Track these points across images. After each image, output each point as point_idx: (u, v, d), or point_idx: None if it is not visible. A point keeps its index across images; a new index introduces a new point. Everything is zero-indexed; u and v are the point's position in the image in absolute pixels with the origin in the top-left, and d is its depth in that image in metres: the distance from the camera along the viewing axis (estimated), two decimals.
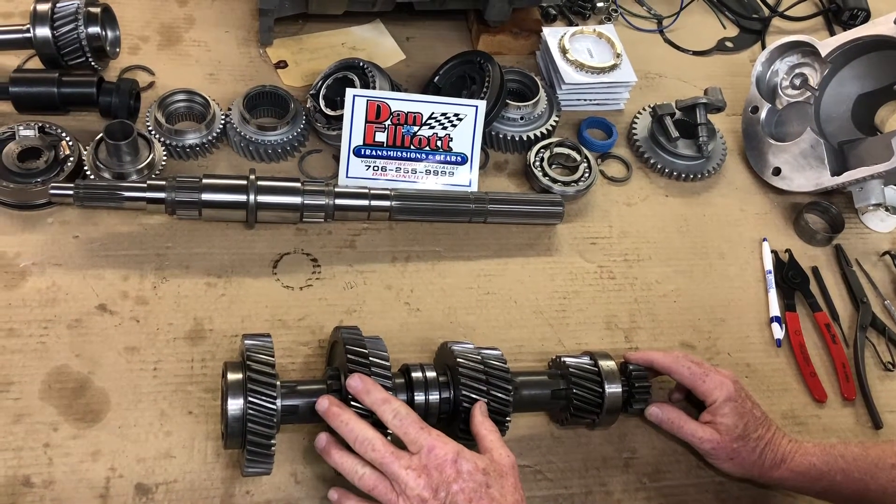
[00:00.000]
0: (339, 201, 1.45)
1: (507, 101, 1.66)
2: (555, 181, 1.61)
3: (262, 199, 1.41)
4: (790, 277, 1.61)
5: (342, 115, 1.54)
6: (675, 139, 1.71)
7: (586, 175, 1.63)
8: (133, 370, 1.28)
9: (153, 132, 1.52)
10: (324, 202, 1.44)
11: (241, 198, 1.40)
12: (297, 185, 1.43)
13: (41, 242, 1.39)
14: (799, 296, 1.60)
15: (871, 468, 1.22)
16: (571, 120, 1.79)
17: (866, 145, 1.67)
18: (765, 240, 1.67)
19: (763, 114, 1.76)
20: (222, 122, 1.57)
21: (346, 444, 1.09)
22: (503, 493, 1.03)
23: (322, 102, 1.60)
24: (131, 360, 1.29)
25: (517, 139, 1.68)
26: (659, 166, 1.73)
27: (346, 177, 1.54)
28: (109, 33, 1.61)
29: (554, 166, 1.65)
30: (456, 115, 1.57)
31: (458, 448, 1.05)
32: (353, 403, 1.12)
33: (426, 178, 1.57)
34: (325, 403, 1.11)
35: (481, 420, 1.15)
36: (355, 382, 1.11)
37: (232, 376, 1.11)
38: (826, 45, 1.68)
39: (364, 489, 1.06)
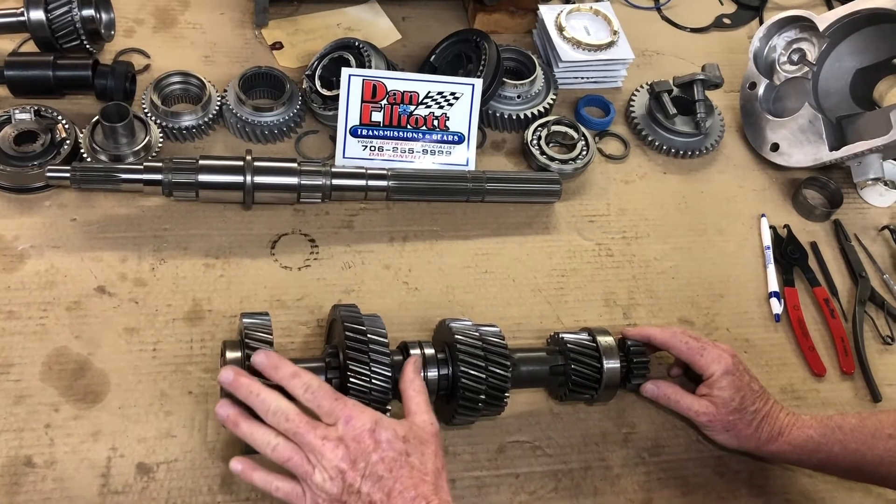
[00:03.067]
0: (336, 181, 1.45)
1: (504, 79, 1.66)
2: (552, 159, 1.61)
3: (259, 179, 1.40)
4: (789, 253, 1.61)
5: (338, 95, 1.54)
6: (673, 116, 1.70)
7: (584, 153, 1.63)
8: (132, 351, 1.29)
9: (149, 114, 1.52)
10: (321, 182, 1.44)
11: (238, 179, 1.40)
12: (294, 165, 1.43)
13: (39, 225, 1.39)
14: (797, 271, 1.60)
15: (868, 438, 1.22)
16: (569, 98, 1.78)
17: (865, 120, 1.66)
18: (763, 215, 1.67)
19: (761, 90, 1.76)
20: (218, 103, 1.57)
21: (256, 415, 1.04)
22: (423, 460, 1.01)
23: (318, 83, 1.59)
24: (131, 341, 1.30)
25: (514, 118, 1.67)
26: (657, 143, 1.72)
27: (343, 157, 1.54)
28: (104, 16, 1.61)
29: (551, 144, 1.65)
30: (452, 94, 1.57)
31: (375, 417, 1.02)
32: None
33: (423, 158, 1.57)
34: (230, 374, 1.04)
35: (411, 378, 1.12)
36: (260, 358, 1.05)
37: (231, 355, 1.11)
38: (824, 19, 1.67)
39: (278, 461, 1.01)
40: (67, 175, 1.34)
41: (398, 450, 1.00)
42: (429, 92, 1.56)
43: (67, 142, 1.44)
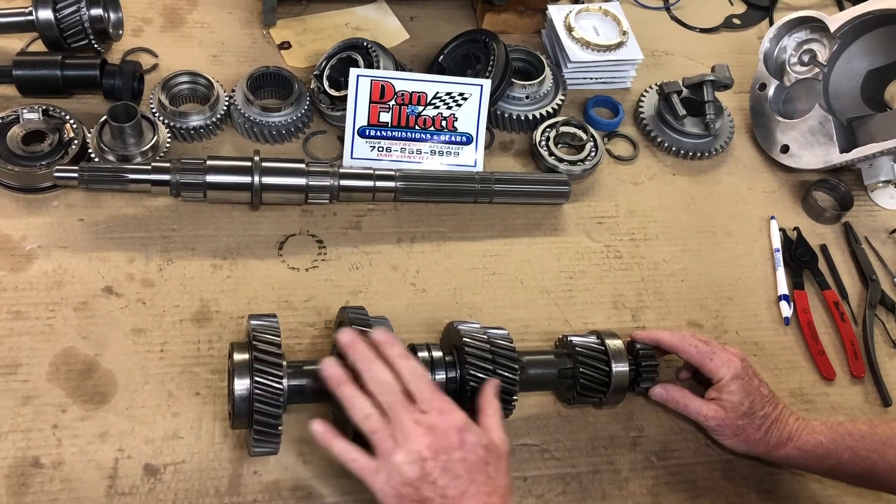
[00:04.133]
0: (343, 182, 1.45)
1: (513, 80, 1.65)
2: (561, 160, 1.60)
3: (267, 180, 1.40)
4: (798, 255, 1.60)
5: (346, 95, 1.53)
6: (682, 117, 1.70)
7: (592, 154, 1.62)
8: (140, 352, 1.29)
9: (157, 114, 1.51)
10: (328, 183, 1.43)
11: (246, 179, 1.39)
12: (302, 166, 1.43)
13: (46, 225, 1.39)
14: (807, 274, 1.59)
15: (879, 446, 1.21)
16: (577, 98, 1.77)
17: (876, 121, 1.65)
18: (773, 218, 1.66)
19: (771, 91, 1.75)
20: (226, 103, 1.56)
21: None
22: (498, 474, 1.02)
23: (326, 83, 1.59)
24: (138, 341, 1.30)
25: (523, 118, 1.67)
26: (666, 145, 1.71)
27: (351, 157, 1.54)
28: (112, 15, 1.61)
29: (560, 145, 1.64)
30: (461, 94, 1.56)
31: (466, 418, 1.04)
32: None
33: (431, 159, 1.56)
34: (349, 336, 1.07)
35: (491, 399, 1.14)
36: (380, 335, 1.09)
37: (238, 356, 1.11)
38: (835, 20, 1.66)
39: (367, 430, 1.02)
40: (75, 175, 1.33)
41: (479, 456, 1.01)
42: (437, 92, 1.55)
43: (75, 142, 1.44)
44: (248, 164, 1.40)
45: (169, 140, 1.49)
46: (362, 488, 1.18)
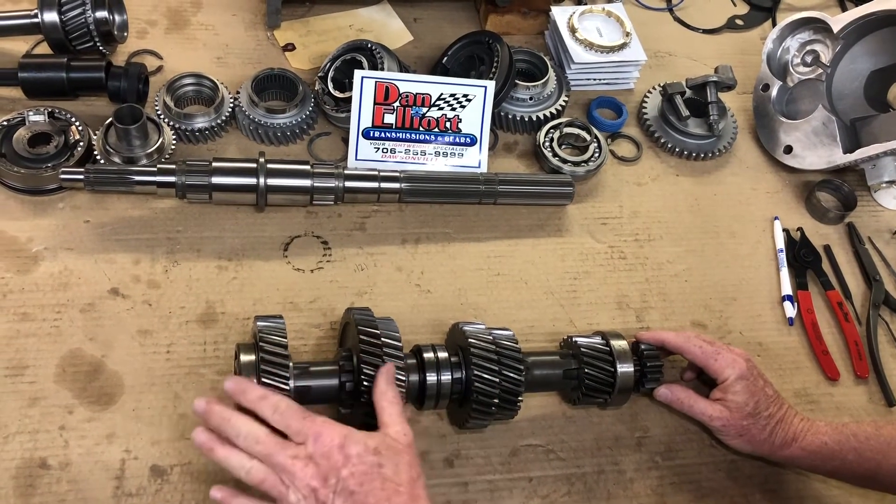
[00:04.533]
0: (348, 184, 1.45)
1: (516, 81, 1.66)
2: (565, 161, 1.61)
3: (272, 182, 1.40)
4: (802, 256, 1.60)
5: (350, 97, 1.54)
6: (686, 118, 1.70)
7: (596, 155, 1.63)
8: (146, 353, 1.29)
9: (162, 116, 1.52)
10: (333, 185, 1.44)
11: (252, 181, 1.40)
12: (307, 167, 1.43)
13: (53, 227, 1.40)
14: (811, 274, 1.59)
15: (884, 447, 1.21)
16: (581, 100, 1.78)
17: (879, 122, 1.65)
18: (776, 218, 1.66)
19: (774, 92, 1.75)
20: (231, 105, 1.57)
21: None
22: (397, 471, 0.99)
23: (330, 84, 1.59)
24: (144, 343, 1.30)
25: (526, 119, 1.67)
26: (669, 145, 1.72)
27: (356, 159, 1.54)
28: (117, 17, 1.61)
29: (564, 146, 1.64)
30: (465, 95, 1.56)
31: (345, 432, 1.00)
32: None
33: (435, 160, 1.57)
34: (202, 403, 1.04)
35: (384, 390, 1.09)
36: (229, 385, 1.05)
37: (245, 358, 1.12)
38: (838, 20, 1.67)
39: (252, 484, 1.00)
40: (81, 177, 1.34)
41: (369, 462, 0.98)
42: (441, 94, 1.56)
43: (81, 144, 1.44)
44: (254, 165, 1.40)
45: (174, 142, 1.49)
46: None
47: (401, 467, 0.99)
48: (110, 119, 1.44)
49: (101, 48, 1.55)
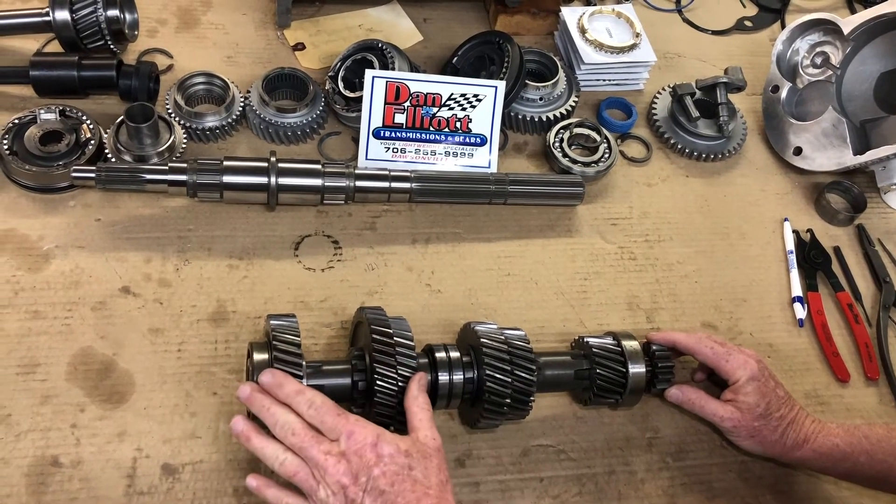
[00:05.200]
0: (359, 183, 1.45)
1: (527, 81, 1.66)
2: (575, 162, 1.61)
3: (283, 181, 1.40)
4: (812, 257, 1.60)
5: (361, 96, 1.54)
6: (696, 119, 1.70)
7: (606, 156, 1.63)
8: (157, 352, 1.29)
9: (173, 115, 1.52)
10: (344, 184, 1.44)
11: (263, 180, 1.40)
12: (318, 167, 1.43)
13: (64, 225, 1.40)
14: (821, 276, 1.59)
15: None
16: (591, 100, 1.78)
17: (889, 124, 1.65)
18: (786, 220, 1.66)
19: (784, 93, 1.75)
20: (241, 104, 1.57)
21: (268, 430, 1.06)
22: (427, 474, 1.00)
23: (341, 84, 1.59)
24: (155, 341, 1.30)
25: (536, 120, 1.67)
26: (679, 146, 1.72)
27: (366, 158, 1.54)
28: (128, 16, 1.61)
29: (574, 147, 1.64)
30: (475, 95, 1.56)
31: (378, 431, 1.02)
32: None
33: (445, 160, 1.57)
34: (246, 389, 1.07)
35: (415, 395, 1.10)
36: (266, 378, 1.07)
37: (258, 356, 1.12)
38: (848, 22, 1.67)
39: (285, 475, 1.02)
40: (92, 175, 1.34)
41: (400, 464, 0.99)
42: (452, 94, 1.56)
43: (92, 142, 1.44)
44: (265, 164, 1.40)
45: (185, 141, 1.49)
46: None
47: (430, 470, 1.00)
48: (121, 117, 1.44)
49: (112, 47, 1.56)
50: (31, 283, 1.33)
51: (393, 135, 1.55)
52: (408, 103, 1.54)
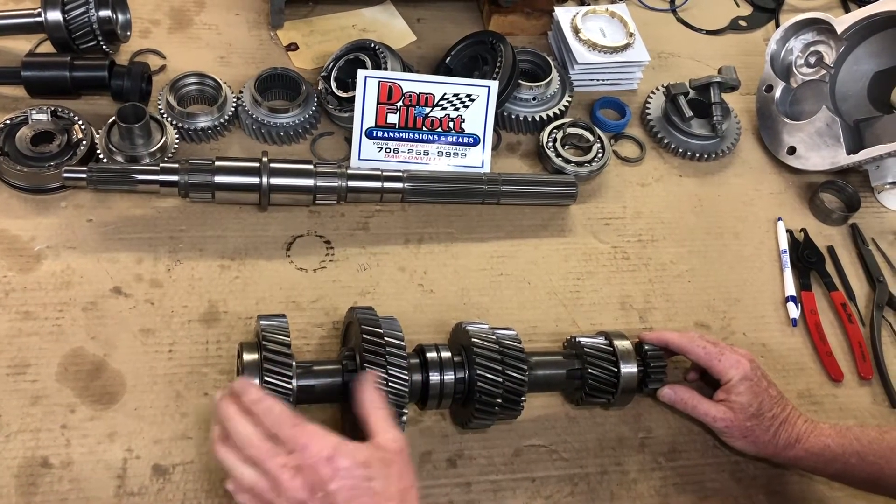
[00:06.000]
0: (351, 183, 1.45)
1: (520, 81, 1.65)
2: (568, 162, 1.60)
3: (275, 181, 1.40)
4: (805, 257, 1.60)
5: (354, 96, 1.53)
6: (689, 119, 1.70)
7: (599, 155, 1.62)
8: (148, 352, 1.29)
9: (165, 115, 1.52)
10: (336, 184, 1.43)
11: (254, 180, 1.39)
12: (310, 167, 1.43)
13: (55, 226, 1.39)
14: (814, 275, 1.59)
15: (887, 452, 1.20)
16: (584, 100, 1.77)
17: (883, 123, 1.65)
18: (780, 219, 1.65)
19: (777, 92, 1.75)
20: (234, 104, 1.57)
21: None
22: (387, 483, 0.96)
23: (333, 84, 1.59)
24: (146, 342, 1.30)
25: (530, 120, 1.67)
26: (673, 146, 1.71)
27: (359, 159, 1.54)
28: (120, 16, 1.61)
29: (567, 147, 1.64)
30: (468, 95, 1.56)
31: (334, 443, 0.96)
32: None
33: (438, 160, 1.57)
34: (217, 396, 1.03)
35: (370, 396, 1.05)
36: (235, 385, 1.03)
37: (248, 356, 1.11)
38: (842, 21, 1.66)
39: (244, 488, 0.98)
40: (84, 176, 1.34)
41: (358, 476, 0.95)
42: (444, 94, 1.56)
43: (84, 142, 1.44)
44: (257, 165, 1.40)
45: (177, 141, 1.49)
46: None
47: (391, 479, 0.96)
48: (113, 118, 1.44)
49: (104, 47, 1.55)
50: (21, 283, 1.32)
51: (385, 135, 1.55)
52: (400, 103, 1.54)
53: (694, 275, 1.55)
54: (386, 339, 1.14)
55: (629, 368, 1.28)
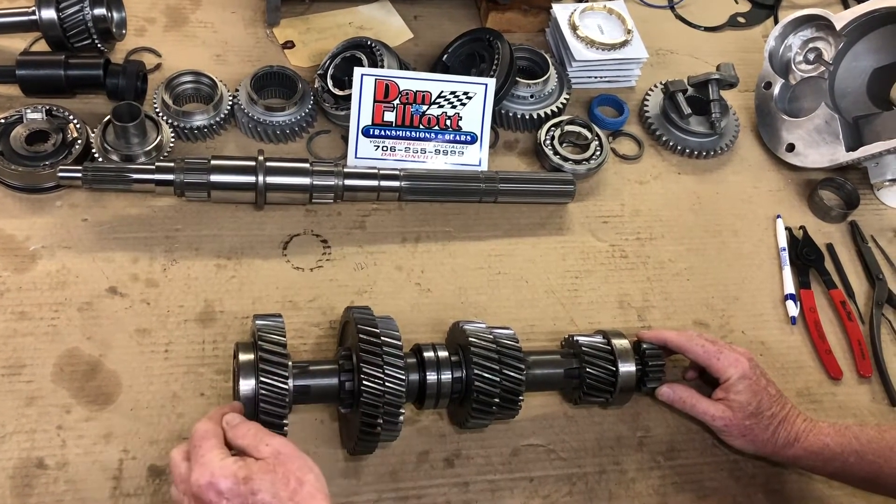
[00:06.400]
0: (348, 182, 1.44)
1: (517, 78, 1.64)
2: (566, 160, 1.60)
3: (271, 180, 1.40)
4: (805, 254, 1.59)
5: (350, 94, 1.53)
6: (688, 116, 1.69)
7: (597, 153, 1.62)
8: (144, 352, 1.28)
9: (161, 114, 1.51)
10: (333, 183, 1.43)
11: (250, 179, 1.39)
12: (306, 165, 1.42)
13: (50, 225, 1.39)
14: (814, 273, 1.58)
15: (886, 451, 1.20)
16: (582, 97, 1.77)
17: (882, 120, 1.64)
18: (779, 217, 1.65)
19: (776, 89, 1.74)
20: (230, 103, 1.56)
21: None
22: (275, 491, 0.94)
23: (330, 82, 1.58)
24: (142, 342, 1.29)
25: (527, 117, 1.66)
26: (671, 144, 1.71)
27: (355, 157, 1.53)
28: (115, 15, 1.60)
29: (565, 145, 1.64)
30: (465, 93, 1.55)
31: (213, 468, 0.95)
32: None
33: (435, 158, 1.56)
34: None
35: (225, 428, 1.03)
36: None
37: (244, 357, 1.11)
38: (841, 18, 1.66)
39: None
40: (79, 175, 1.33)
41: (243, 493, 0.94)
42: (441, 91, 1.55)
43: (79, 141, 1.43)
44: (252, 163, 1.39)
45: (173, 140, 1.48)
46: (365, 489, 1.19)
47: (277, 485, 0.94)
48: (108, 117, 1.43)
49: (99, 46, 1.55)
50: (17, 283, 1.32)
51: (382, 133, 1.54)
52: (397, 101, 1.53)
53: (692, 273, 1.54)
54: (382, 338, 1.14)
55: (627, 367, 1.28)
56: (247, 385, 1.08)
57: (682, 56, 1.92)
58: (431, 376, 1.18)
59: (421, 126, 1.55)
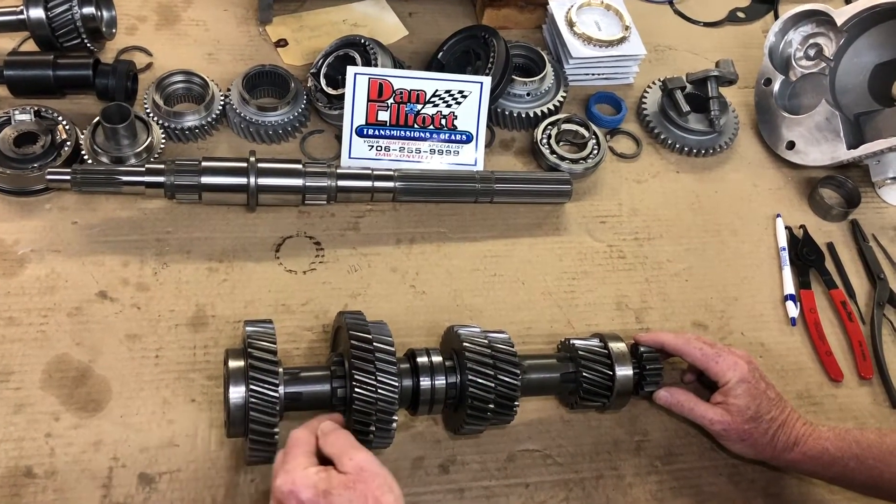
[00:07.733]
0: (341, 183, 1.42)
1: (513, 76, 1.63)
2: (563, 159, 1.58)
3: (263, 181, 1.38)
4: (805, 254, 1.57)
5: (344, 94, 1.51)
6: (686, 113, 1.67)
7: (595, 152, 1.60)
8: (134, 358, 1.26)
9: (151, 115, 1.49)
10: (326, 184, 1.41)
11: (242, 180, 1.37)
12: (299, 166, 1.40)
13: (39, 229, 1.37)
14: (814, 273, 1.56)
15: (886, 456, 1.18)
16: (579, 95, 1.75)
17: (883, 117, 1.62)
18: (778, 216, 1.63)
19: (776, 86, 1.72)
20: (221, 103, 1.54)
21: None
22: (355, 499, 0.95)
23: (323, 81, 1.56)
24: (133, 347, 1.27)
25: (524, 116, 1.64)
26: (669, 142, 1.69)
27: (349, 157, 1.51)
28: (105, 13, 1.58)
29: (562, 143, 1.61)
30: (460, 92, 1.53)
31: (294, 476, 0.97)
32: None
33: (430, 158, 1.54)
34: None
35: (320, 435, 1.05)
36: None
37: (233, 364, 1.09)
38: (842, 13, 1.63)
39: None
40: (68, 177, 1.31)
41: None
42: (436, 90, 1.53)
43: (68, 143, 1.41)
44: (244, 164, 1.37)
45: (163, 141, 1.47)
46: None
47: (355, 502, 0.95)
48: (98, 118, 1.41)
49: (88, 45, 1.53)
50: (5, 288, 1.30)
51: (377, 133, 1.52)
52: (391, 100, 1.51)
53: (691, 273, 1.52)
54: (375, 345, 1.12)
55: (624, 371, 1.26)
56: (236, 392, 1.07)
57: (681, 52, 1.89)
58: (425, 382, 1.17)
59: (415, 125, 1.53)
